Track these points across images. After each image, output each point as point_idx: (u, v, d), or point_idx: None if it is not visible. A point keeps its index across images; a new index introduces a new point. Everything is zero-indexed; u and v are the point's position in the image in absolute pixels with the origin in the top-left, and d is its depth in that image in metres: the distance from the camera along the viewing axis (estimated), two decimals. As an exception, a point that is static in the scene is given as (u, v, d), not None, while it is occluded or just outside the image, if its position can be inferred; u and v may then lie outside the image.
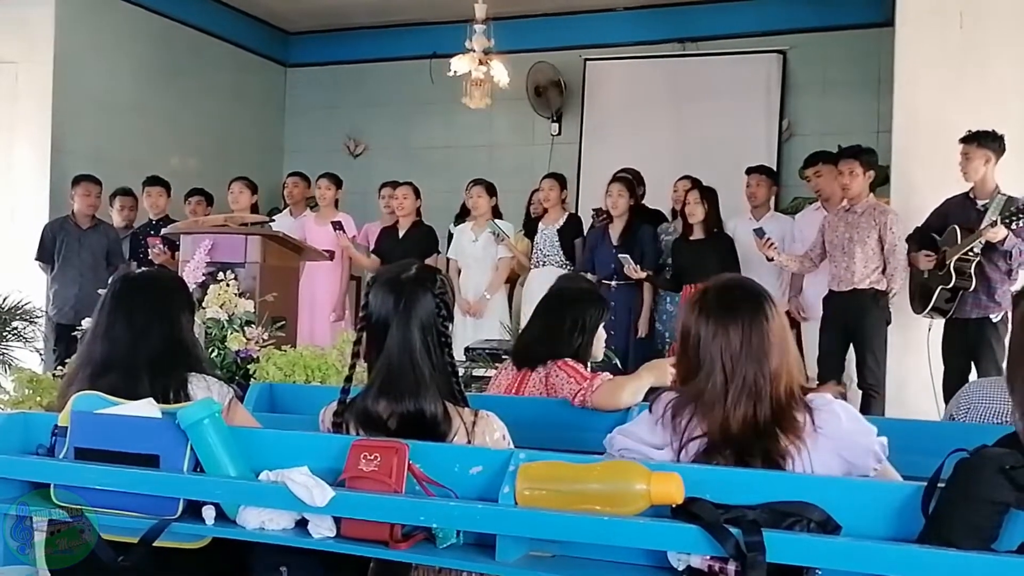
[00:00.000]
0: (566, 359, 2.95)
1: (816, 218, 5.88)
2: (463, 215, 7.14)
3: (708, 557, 1.65)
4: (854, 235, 5.30)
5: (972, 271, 4.94)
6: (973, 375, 4.99)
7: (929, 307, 5.11)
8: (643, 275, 5.92)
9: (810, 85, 7.92)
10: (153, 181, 6.91)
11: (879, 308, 5.26)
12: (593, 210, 6.53)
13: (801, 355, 5.65)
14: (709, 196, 5.89)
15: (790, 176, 7.80)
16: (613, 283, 6.09)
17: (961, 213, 5.07)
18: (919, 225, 5.28)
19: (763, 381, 1.90)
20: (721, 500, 1.69)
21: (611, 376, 2.89)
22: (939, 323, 5.20)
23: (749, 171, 6.37)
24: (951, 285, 4.99)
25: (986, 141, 4.96)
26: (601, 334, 3.13)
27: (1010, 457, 1.58)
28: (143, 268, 6.24)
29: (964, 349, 5.06)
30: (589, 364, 3.05)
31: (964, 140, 4.99)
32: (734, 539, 1.60)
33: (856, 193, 5.34)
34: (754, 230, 5.73)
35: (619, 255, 5.95)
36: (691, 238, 5.92)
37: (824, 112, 7.78)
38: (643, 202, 6.44)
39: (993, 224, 4.77)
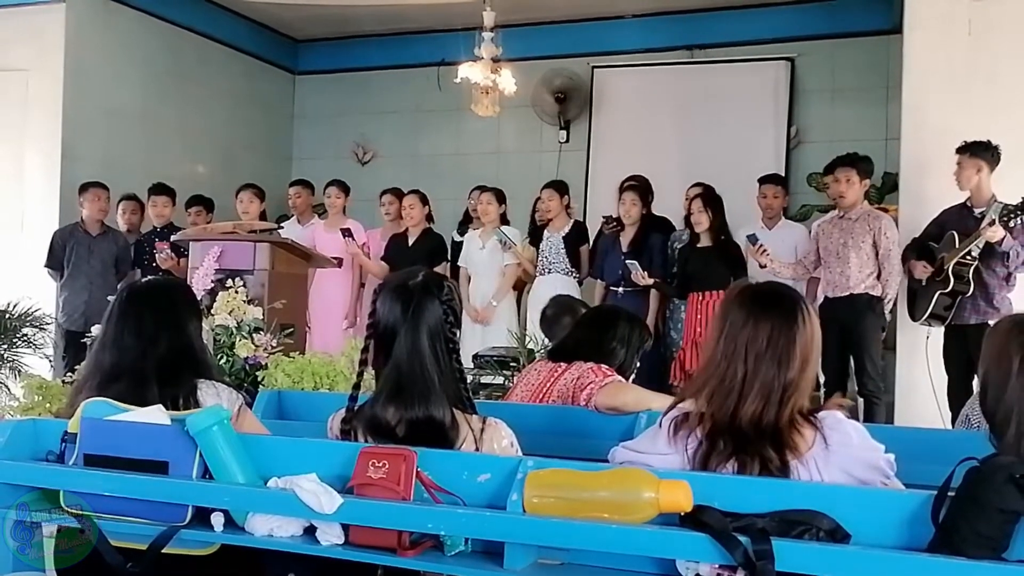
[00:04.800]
0: (600, 364, 2.97)
1: None
2: (466, 222, 7.14)
3: (717, 566, 1.65)
4: (848, 241, 5.31)
5: (970, 276, 4.94)
6: (975, 381, 4.98)
7: (927, 314, 5.11)
8: (650, 281, 5.91)
9: (818, 92, 7.91)
10: (159, 190, 6.90)
11: (874, 314, 5.26)
12: (603, 217, 6.53)
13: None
14: (714, 204, 5.87)
15: (798, 184, 7.79)
16: (620, 290, 6.09)
17: (959, 221, 5.09)
18: (916, 236, 5.28)
19: (777, 385, 1.90)
20: (730, 508, 1.69)
21: (622, 380, 2.91)
22: (937, 332, 5.19)
23: (762, 180, 6.35)
24: (949, 289, 4.99)
25: (978, 151, 5.00)
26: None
27: (1020, 466, 1.58)
28: (148, 275, 6.26)
29: (964, 355, 5.05)
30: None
31: (958, 150, 5.05)
32: (743, 547, 1.60)
33: (853, 201, 5.35)
34: (747, 236, 5.72)
35: (627, 261, 5.94)
36: (699, 246, 5.91)
37: (832, 119, 7.76)
38: (650, 209, 6.44)
39: (991, 223, 4.78)
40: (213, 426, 1.96)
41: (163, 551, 1.94)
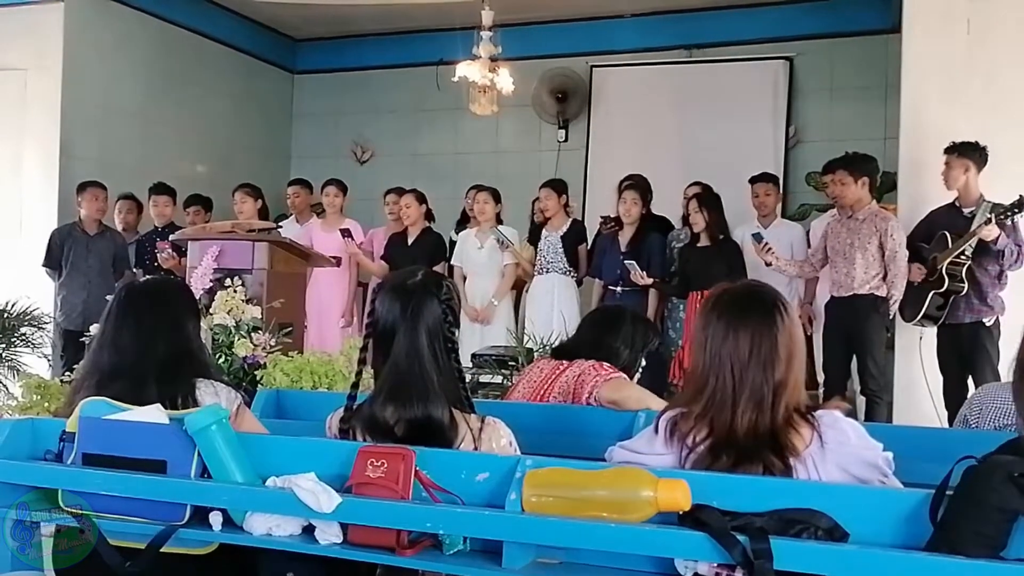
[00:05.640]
0: (603, 362, 2.98)
1: None
2: (464, 221, 7.14)
3: (715, 564, 1.65)
4: (855, 241, 5.30)
5: (963, 275, 4.95)
6: (970, 380, 5.00)
7: (920, 315, 5.12)
8: (649, 281, 5.91)
9: (817, 91, 7.92)
10: (160, 190, 6.91)
11: (879, 314, 5.25)
12: (601, 217, 6.52)
13: (812, 362, 5.72)
14: (710, 203, 5.87)
15: (797, 183, 7.80)
16: (618, 289, 6.09)
17: (948, 222, 5.10)
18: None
19: (767, 390, 1.90)
20: (728, 507, 1.69)
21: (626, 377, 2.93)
22: (930, 331, 5.21)
23: (754, 180, 6.35)
24: (943, 289, 5.01)
25: (965, 151, 5.03)
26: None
27: (1019, 464, 1.58)
28: (149, 275, 6.26)
29: (959, 354, 5.06)
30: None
31: (946, 150, 5.08)
32: (741, 546, 1.60)
33: (851, 201, 5.34)
34: (752, 235, 5.73)
35: (625, 261, 5.94)
36: (698, 245, 5.92)
37: (831, 118, 7.77)
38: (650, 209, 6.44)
39: (987, 222, 4.79)
40: (211, 425, 1.96)
41: (161, 550, 1.94)
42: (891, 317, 5.33)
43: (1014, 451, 1.66)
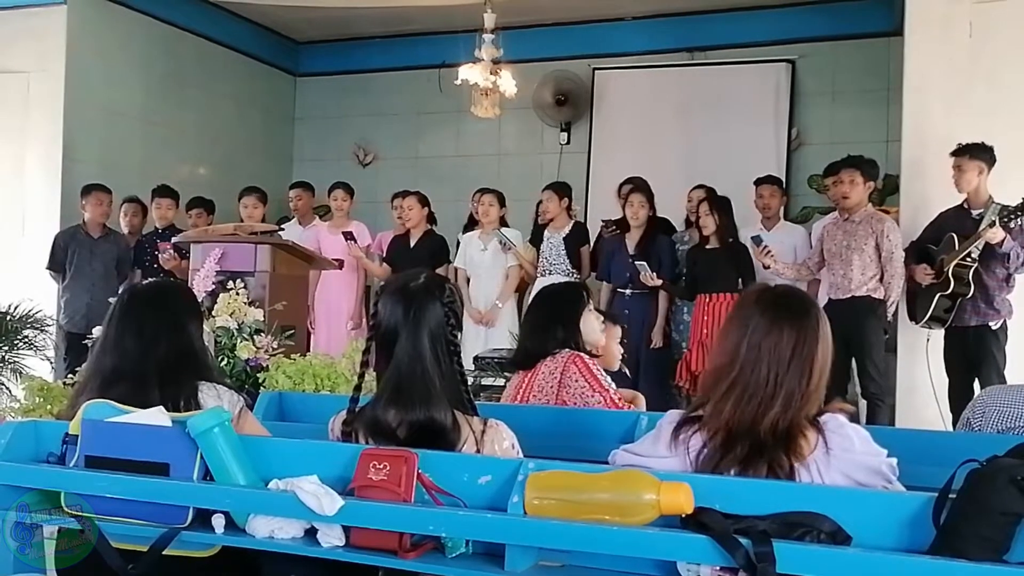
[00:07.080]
0: (579, 354, 3.00)
1: None
2: (472, 224, 7.15)
3: (718, 568, 1.64)
4: (852, 243, 5.30)
5: (970, 277, 4.94)
6: (976, 383, 4.99)
7: (927, 317, 5.11)
8: (658, 282, 5.90)
9: (819, 94, 7.91)
10: (163, 192, 6.92)
11: (876, 316, 5.25)
12: (603, 221, 6.52)
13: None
14: (721, 206, 5.87)
15: (799, 185, 7.80)
16: (628, 291, 6.08)
17: (957, 224, 5.08)
18: (914, 240, 5.27)
19: (799, 394, 1.90)
20: (731, 510, 1.69)
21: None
22: (937, 333, 5.19)
23: (759, 182, 6.34)
24: (949, 292, 4.99)
25: (978, 153, 5.01)
26: (589, 318, 3.19)
27: (1022, 468, 1.58)
28: (149, 276, 6.28)
29: (965, 357, 5.05)
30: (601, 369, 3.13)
31: (956, 153, 5.05)
32: (744, 549, 1.59)
33: (856, 202, 5.34)
34: (751, 238, 5.72)
35: (635, 263, 5.93)
36: (707, 247, 5.91)
37: (833, 121, 7.77)
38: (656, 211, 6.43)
39: (992, 225, 4.77)
40: (214, 428, 1.96)
41: (164, 553, 1.94)
42: (889, 319, 5.32)
43: (1022, 455, 1.66)
